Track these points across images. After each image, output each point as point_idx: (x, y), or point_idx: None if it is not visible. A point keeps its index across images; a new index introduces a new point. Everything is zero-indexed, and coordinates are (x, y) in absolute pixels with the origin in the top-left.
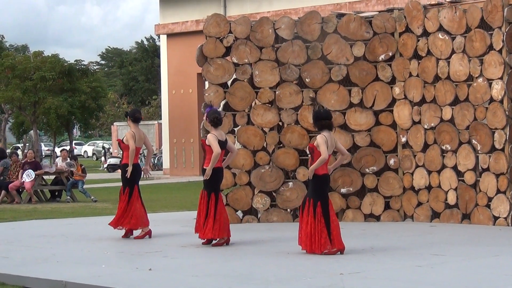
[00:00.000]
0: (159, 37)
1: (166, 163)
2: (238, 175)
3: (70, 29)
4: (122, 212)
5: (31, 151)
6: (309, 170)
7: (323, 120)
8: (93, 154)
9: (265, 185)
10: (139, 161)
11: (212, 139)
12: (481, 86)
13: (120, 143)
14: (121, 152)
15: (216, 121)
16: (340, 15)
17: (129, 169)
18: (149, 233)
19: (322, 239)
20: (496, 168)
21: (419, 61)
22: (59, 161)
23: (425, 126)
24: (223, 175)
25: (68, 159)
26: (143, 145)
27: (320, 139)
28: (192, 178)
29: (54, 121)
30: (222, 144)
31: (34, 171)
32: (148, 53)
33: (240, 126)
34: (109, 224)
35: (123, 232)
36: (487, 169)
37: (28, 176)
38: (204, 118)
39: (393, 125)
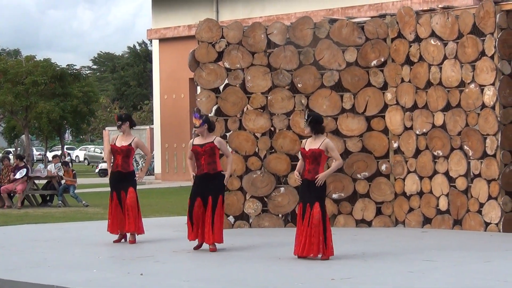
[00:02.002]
0: (151, 42)
1: (157, 168)
2: (230, 180)
3: (62, 34)
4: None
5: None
6: (323, 175)
7: (322, 124)
8: (85, 159)
9: (256, 190)
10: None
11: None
12: (473, 92)
13: (115, 147)
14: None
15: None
16: (332, 21)
17: (143, 173)
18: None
19: (331, 242)
20: (488, 174)
21: (411, 67)
22: (52, 167)
23: (417, 132)
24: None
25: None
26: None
27: (332, 144)
28: (183, 183)
29: (46, 125)
30: None
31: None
32: (140, 58)
33: (232, 131)
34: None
35: (115, 237)
36: (479, 175)
37: (20, 174)
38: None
39: (385, 131)
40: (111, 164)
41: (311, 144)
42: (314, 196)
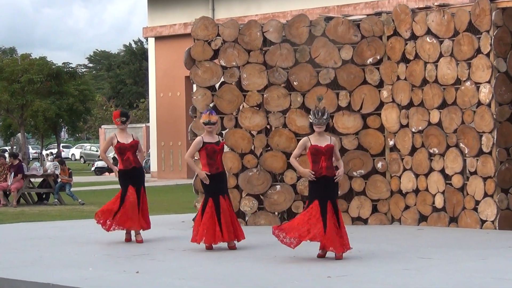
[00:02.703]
0: (147, 40)
1: (153, 166)
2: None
3: (57, 32)
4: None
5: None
6: (343, 171)
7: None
8: (81, 157)
9: (252, 188)
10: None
11: None
12: (469, 89)
13: (124, 145)
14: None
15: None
16: (328, 19)
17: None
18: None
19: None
20: (484, 172)
21: (407, 65)
22: (50, 166)
23: (413, 130)
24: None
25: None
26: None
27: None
28: (180, 181)
29: (42, 123)
30: None
31: (15, 173)
32: (136, 56)
33: (228, 129)
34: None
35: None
36: (475, 173)
37: (10, 180)
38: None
39: (381, 129)
40: (115, 163)
41: (320, 140)
42: (335, 194)
